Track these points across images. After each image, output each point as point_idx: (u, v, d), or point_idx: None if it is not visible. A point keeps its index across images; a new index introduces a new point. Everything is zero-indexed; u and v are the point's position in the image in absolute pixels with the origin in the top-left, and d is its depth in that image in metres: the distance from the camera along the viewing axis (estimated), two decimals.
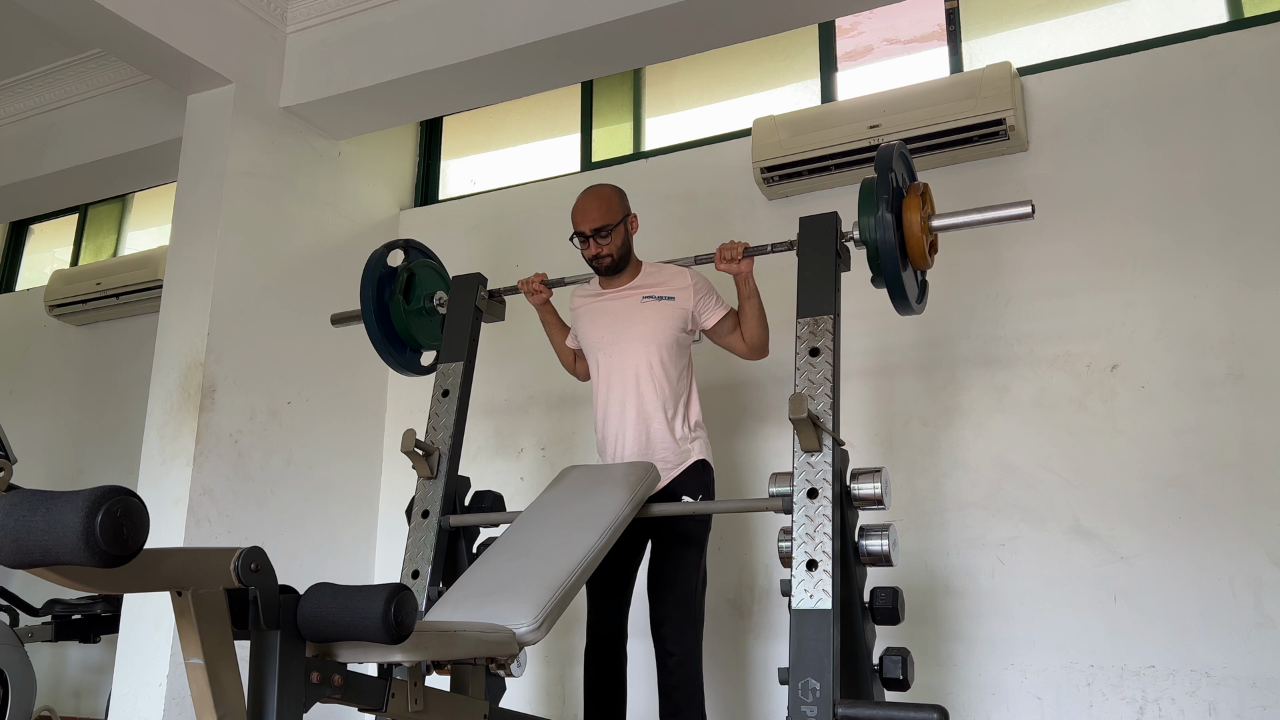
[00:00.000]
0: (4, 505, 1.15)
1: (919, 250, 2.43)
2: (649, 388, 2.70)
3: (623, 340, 2.74)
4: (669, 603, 2.61)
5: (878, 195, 2.37)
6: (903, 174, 2.52)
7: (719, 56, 4.09)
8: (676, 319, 2.74)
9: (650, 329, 2.72)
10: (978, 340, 3.29)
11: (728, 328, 2.79)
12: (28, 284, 5.75)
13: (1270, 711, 2.73)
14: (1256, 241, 3.00)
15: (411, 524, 2.76)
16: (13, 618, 3.86)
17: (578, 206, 2.78)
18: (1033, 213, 2.38)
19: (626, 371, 2.72)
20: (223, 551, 1.38)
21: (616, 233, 2.75)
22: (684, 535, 2.67)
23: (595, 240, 2.74)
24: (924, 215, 2.44)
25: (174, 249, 3.78)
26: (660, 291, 2.77)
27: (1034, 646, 3.02)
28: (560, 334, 3.03)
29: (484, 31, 3.62)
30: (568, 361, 3.06)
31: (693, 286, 2.77)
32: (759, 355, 2.82)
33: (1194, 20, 3.31)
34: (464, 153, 4.76)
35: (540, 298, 2.94)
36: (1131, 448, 3.03)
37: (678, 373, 2.74)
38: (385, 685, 1.68)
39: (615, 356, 2.75)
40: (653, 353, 2.71)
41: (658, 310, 2.75)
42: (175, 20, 3.56)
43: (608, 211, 2.74)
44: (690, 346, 2.82)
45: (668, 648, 2.60)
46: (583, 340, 2.89)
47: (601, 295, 2.84)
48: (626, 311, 2.77)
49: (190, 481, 3.44)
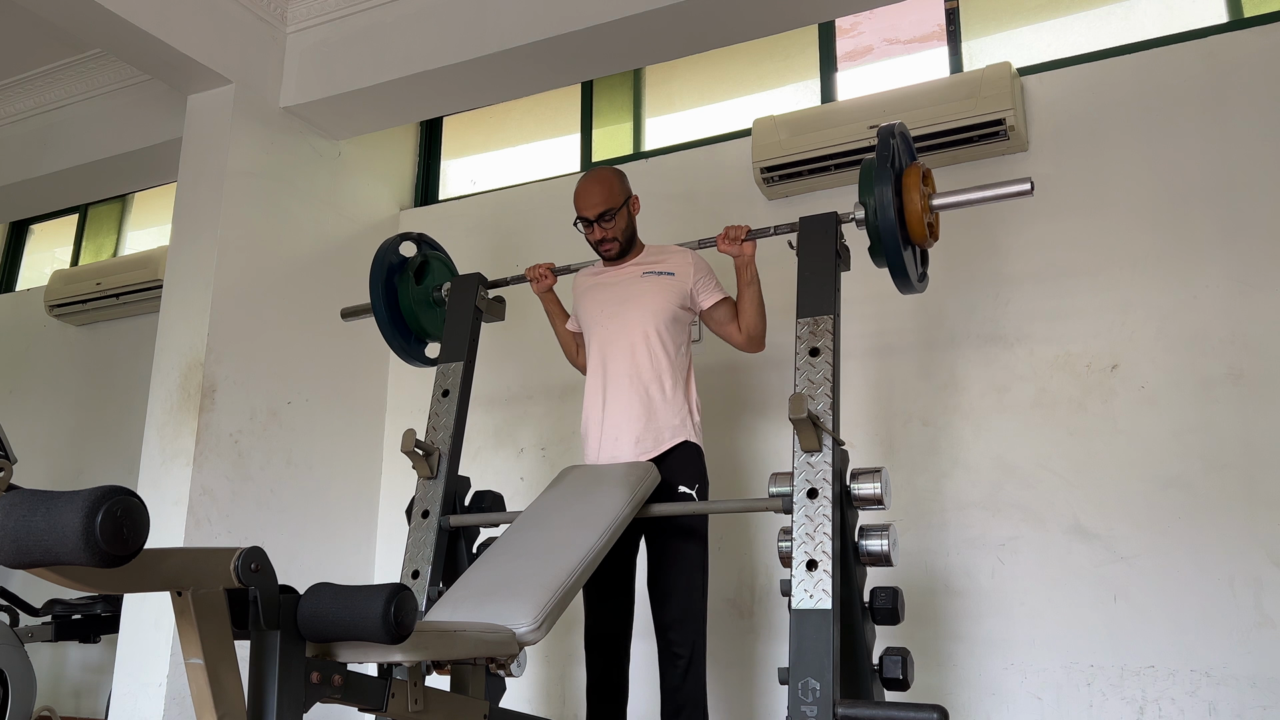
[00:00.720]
0: (4, 505, 1.15)
1: (919, 229, 2.44)
2: (645, 358, 2.68)
3: (622, 313, 2.74)
4: (674, 606, 2.59)
5: (878, 173, 2.38)
6: (903, 154, 2.53)
7: (719, 56, 4.09)
8: (675, 293, 2.74)
9: (649, 301, 2.73)
10: (978, 340, 3.29)
11: (724, 315, 2.78)
12: (28, 284, 5.75)
13: (1270, 711, 2.73)
14: (1256, 241, 3.00)
15: (411, 524, 2.76)
16: (13, 618, 3.86)
17: (580, 191, 2.77)
18: (1032, 189, 2.39)
19: (623, 344, 2.71)
20: (223, 551, 1.38)
21: (620, 215, 2.76)
22: (684, 528, 2.63)
23: (599, 225, 2.74)
24: (924, 194, 2.44)
25: (174, 249, 3.78)
26: (660, 268, 2.78)
27: (1034, 646, 3.02)
28: (562, 320, 3.04)
29: (484, 31, 3.62)
30: (570, 351, 3.07)
31: (693, 265, 2.78)
32: (756, 347, 2.81)
33: (1194, 20, 3.31)
34: (464, 153, 4.76)
35: (545, 284, 2.94)
36: (1131, 448, 3.03)
37: (675, 348, 2.73)
38: (385, 685, 1.68)
39: (613, 329, 2.74)
40: (649, 324, 2.70)
41: (657, 283, 2.75)
42: (175, 20, 3.56)
43: (609, 195, 2.74)
44: (689, 326, 2.81)
45: (675, 650, 2.58)
46: (582, 318, 2.88)
47: (603, 273, 2.87)
48: (626, 285, 2.78)
49: (190, 481, 3.44)
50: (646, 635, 2.69)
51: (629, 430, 2.67)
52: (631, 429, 2.67)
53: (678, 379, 2.71)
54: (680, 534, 2.64)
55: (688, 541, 2.63)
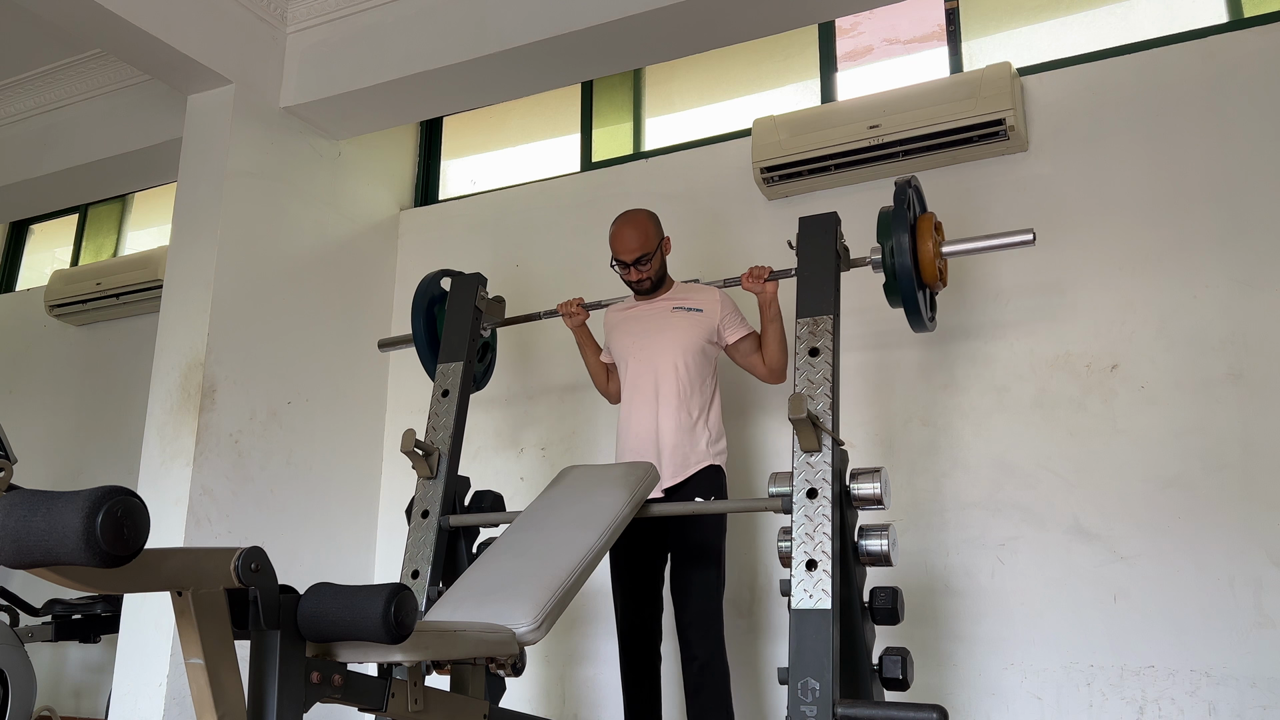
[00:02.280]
0: (4, 505, 1.15)
1: (931, 272, 2.63)
2: (672, 389, 2.85)
3: (652, 345, 2.92)
4: (691, 609, 2.75)
5: (895, 221, 2.56)
6: (917, 204, 2.71)
7: (719, 56, 4.09)
8: (703, 329, 2.91)
9: (678, 335, 2.90)
10: (978, 340, 3.29)
11: (748, 348, 2.95)
12: (28, 284, 5.75)
13: (1270, 711, 2.73)
14: (1256, 241, 3.00)
15: (411, 524, 2.76)
16: (13, 618, 3.86)
17: (617, 236, 2.94)
18: (1034, 240, 2.62)
19: (653, 373, 2.89)
20: (223, 551, 1.38)
21: (655, 258, 2.94)
22: (700, 545, 2.78)
23: (636, 268, 2.93)
24: (936, 241, 2.63)
25: (174, 249, 3.78)
26: (689, 304, 2.96)
27: (1034, 646, 3.02)
28: (594, 353, 3.19)
29: (484, 31, 3.62)
30: (600, 382, 3.22)
31: (720, 303, 2.95)
32: (778, 379, 2.97)
33: (1194, 20, 3.31)
34: (464, 153, 4.76)
35: (578, 319, 3.13)
36: (1131, 448, 3.03)
37: (702, 379, 2.90)
38: (385, 685, 1.68)
39: (643, 360, 2.92)
40: (679, 357, 2.87)
41: (686, 319, 2.92)
42: (175, 20, 3.56)
43: (645, 240, 2.92)
44: (715, 360, 2.98)
45: (693, 651, 2.74)
46: (614, 349, 3.06)
47: (634, 307, 3.04)
48: (657, 319, 2.96)
49: (190, 481, 3.44)
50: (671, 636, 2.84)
51: (656, 454, 2.83)
52: (662, 452, 2.83)
53: (704, 407, 2.88)
54: (698, 550, 2.79)
55: (704, 554, 2.78)
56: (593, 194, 4.11)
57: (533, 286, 4.07)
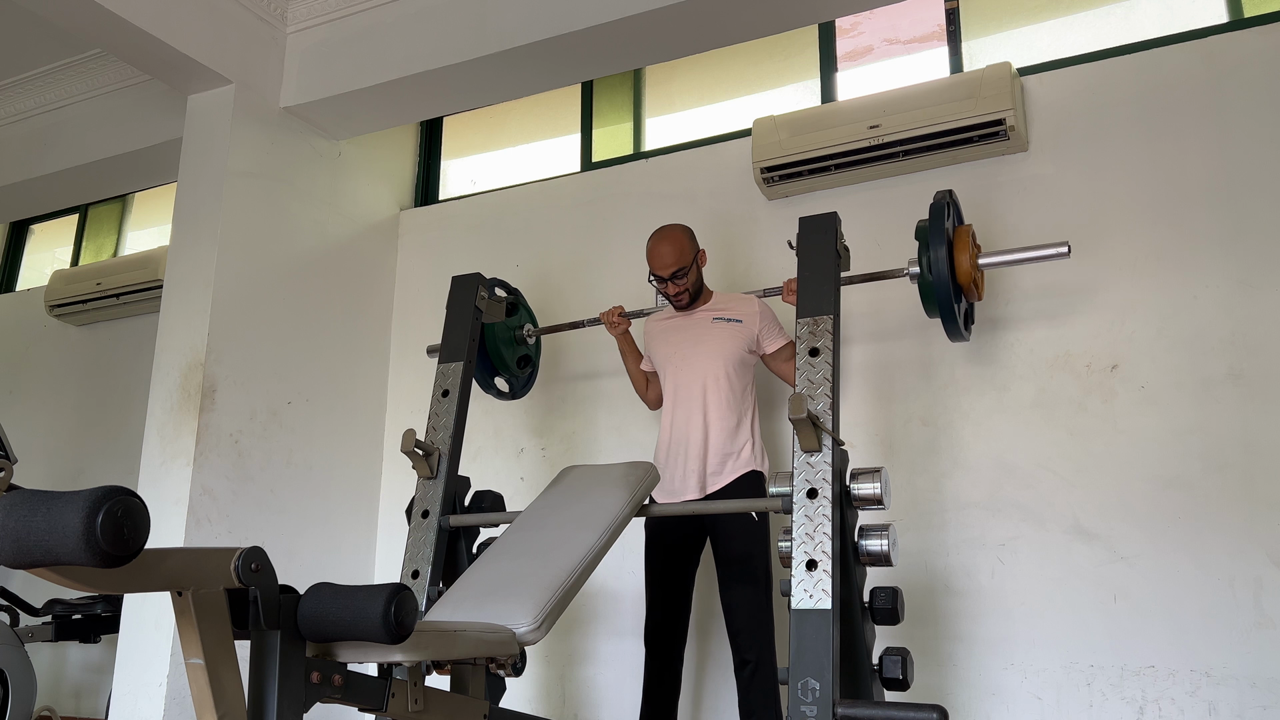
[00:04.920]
0: (4, 505, 1.15)
1: (968, 285, 2.69)
2: (714, 398, 2.91)
3: (693, 356, 2.97)
4: (740, 618, 2.82)
5: (934, 233, 2.60)
6: (954, 217, 2.75)
7: (719, 56, 4.09)
8: (742, 339, 2.98)
9: (719, 346, 2.96)
10: (978, 340, 3.29)
11: (785, 355, 3.01)
12: (28, 284, 5.75)
13: (1270, 711, 2.73)
14: (1256, 241, 3.00)
15: (411, 524, 2.76)
16: (13, 618, 3.86)
17: (653, 251, 2.99)
18: (1069, 253, 2.67)
19: (695, 384, 2.94)
20: (223, 551, 1.38)
21: (691, 271, 3.00)
22: (745, 557, 2.82)
23: (673, 282, 2.98)
24: (972, 254, 2.68)
25: (174, 249, 3.78)
26: (729, 314, 3.02)
27: (1034, 646, 3.02)
28: (635, 360, 3.24)
29: (484, 31, 3.62)
30: (640, 388, 3.26)
31: (759, 313, 3.01)
32: None
33: (1194, 20, 3.31)
34: (464, 153, 4.76)
35: (621, 328, 3.19)
36: (1131, 448, 3.03)
37: (742, 388, 2.97)
38: (385, 685, 1.68)
39: (685, 370, 2.98)
40: (719, 367, 2.94)
41: (726, 330, 2.99)
42: (175, 20, 3.56)
43: (681, 255, 2.97)
44: (754, 368, 3.03)
45: (744, 656, 2.80)
46: (655, 359, 3.11)
47: (675, 317, 3.10)
48: (697, 330, 3.02)
49: (190, 481, 3.44)
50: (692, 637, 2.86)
51: (699, 460, 2.89)
52: (704, 459, 2.89)
53: (744, 415, 2.94)
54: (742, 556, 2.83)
55: (749, 561, 2.83)
56: (593, 194, 4.11)
57: (533, 287, 4.07)
